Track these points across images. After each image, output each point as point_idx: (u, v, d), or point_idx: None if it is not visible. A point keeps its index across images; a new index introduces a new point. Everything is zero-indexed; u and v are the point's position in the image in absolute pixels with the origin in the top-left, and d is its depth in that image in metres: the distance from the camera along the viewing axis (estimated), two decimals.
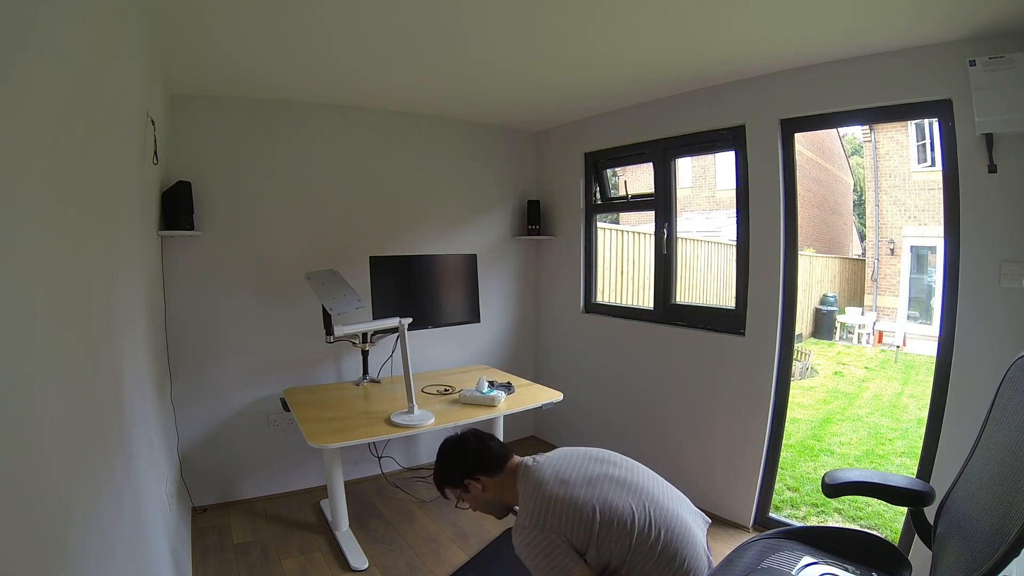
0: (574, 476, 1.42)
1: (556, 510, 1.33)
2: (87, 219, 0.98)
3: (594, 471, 1.45)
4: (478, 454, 1.53)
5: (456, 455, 1.56)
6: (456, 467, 1.54)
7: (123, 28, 1.32)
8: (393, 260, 2.77)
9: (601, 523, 1.33)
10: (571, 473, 1.43)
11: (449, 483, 1.55)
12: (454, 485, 1.54)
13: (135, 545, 1.21)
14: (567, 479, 1.40)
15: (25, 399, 0.63)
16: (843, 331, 9.35)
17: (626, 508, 1.36)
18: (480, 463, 1.52)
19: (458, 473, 1.53)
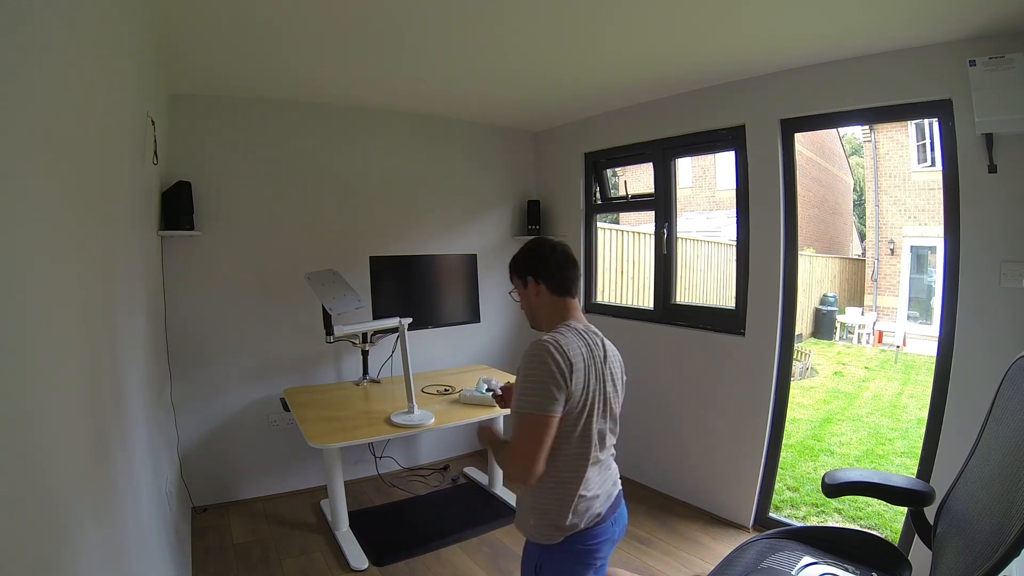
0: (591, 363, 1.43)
1: (574, 365, 1.36)
2: (87, 219, 0.98)
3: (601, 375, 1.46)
4: (557, 269, 1.52)
5: (541, 255, 1.54)
6: (533, 263, 1.53)
7: (123, 28, 1.32)
8: (393, 260, 2.77)
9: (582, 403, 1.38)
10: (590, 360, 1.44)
11: (517, 270, 1.56)
12: (520, 274, 1.54)
13: (135, 545, 1.21)
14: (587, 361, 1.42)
15: (25, 399, 0.63)
16: (843, 331, 9.35)
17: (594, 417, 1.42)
18: (552, 276, 1.51)
19: (530, 267, 1.53)
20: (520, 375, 1.39)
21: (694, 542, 2.38)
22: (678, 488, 2.79)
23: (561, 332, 1.43)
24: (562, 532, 1.39)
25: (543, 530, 1.41)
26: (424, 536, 2.39)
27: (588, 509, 1.41)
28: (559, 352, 1.35)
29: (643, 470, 2.97)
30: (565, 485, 1.40)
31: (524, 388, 1.36)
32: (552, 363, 1.33)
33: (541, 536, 1.42)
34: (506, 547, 2.34)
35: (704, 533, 2.45)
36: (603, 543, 1.44)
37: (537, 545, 1.44)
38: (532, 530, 1.43)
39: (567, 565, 1.42)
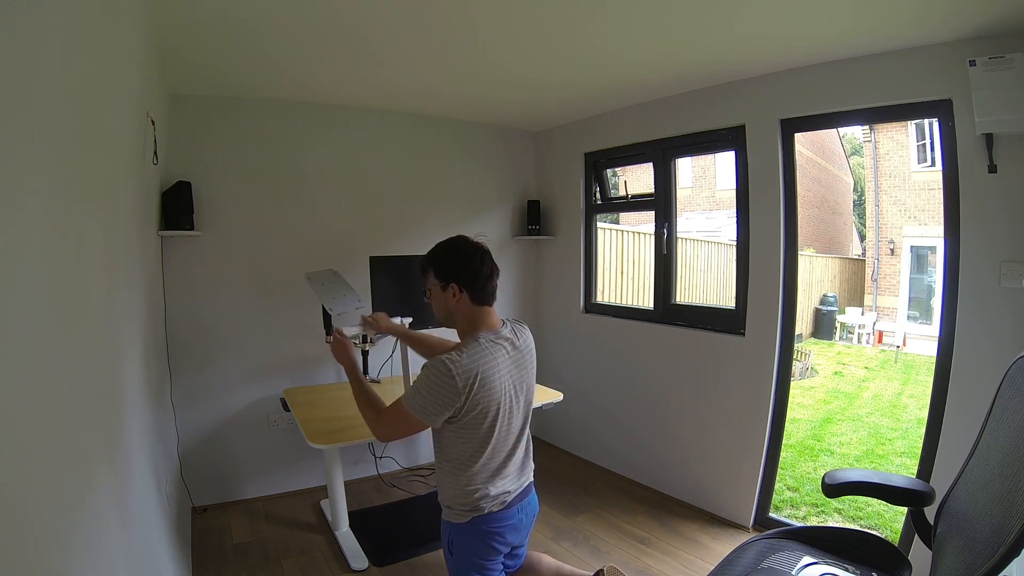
0: (498, 374, 1.50)
1: (474, 386, 1.44)
2: (87, 219, 0.98)
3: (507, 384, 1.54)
4: (484, 280, 1.54)
5: (467, 259, 1.54)
6: (459, 266, 1.53)
7: (123, 28, 1.32)
8: (393, 260, 2.77)
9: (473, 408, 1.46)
10: (496, 371, 1.50)
11: (438, 271, 1.54)
12: (440, 276, 1.54)
13: (135, 545, 1.21)
14: (492, 372, 1.49)
15: (24, 399, 0.63)
16: (843, 331, 9.35)
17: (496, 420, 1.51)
18: (474, 284, 1.53)
19: (454, 272, 1.53)
20: (420, 377, 1.46)
21: (694, 542, 2.38)
22: (678, 488, 2.79)
23: (470, 349, 1.48)
24: (468, 514, 1.54)
25: (453, 510, 1.57)
26: (424, 536, 2.39)
27: (494, 498, 1.55)
28: (460, 374, 1.41)
29: (643, 470, 2.97)
30: (472, 477, 1.53)
31: (418, 390, 1.45)
32: (448, 382, 1.40)
33: (450, 515, 1.58)
34: None
35: (704, 533, 2.45)
36: (507, 527, 1.58)
37: (448, 522, 1.60)
38: (445, 510, 1.60)
39: (472, 542, 1.57)
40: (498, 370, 1.50)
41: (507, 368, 1.54)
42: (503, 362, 1.52)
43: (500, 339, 1.55)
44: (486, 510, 1.54)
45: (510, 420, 1.56)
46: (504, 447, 1.57)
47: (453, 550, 1.61)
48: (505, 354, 1.54)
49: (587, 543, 2.37)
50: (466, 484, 1.54)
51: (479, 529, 1.56)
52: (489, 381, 1.46)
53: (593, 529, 2.49)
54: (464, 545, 1.59)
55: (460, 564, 1.61)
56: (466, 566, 1.60)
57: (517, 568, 1.79)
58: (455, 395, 1.42)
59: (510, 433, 1.58)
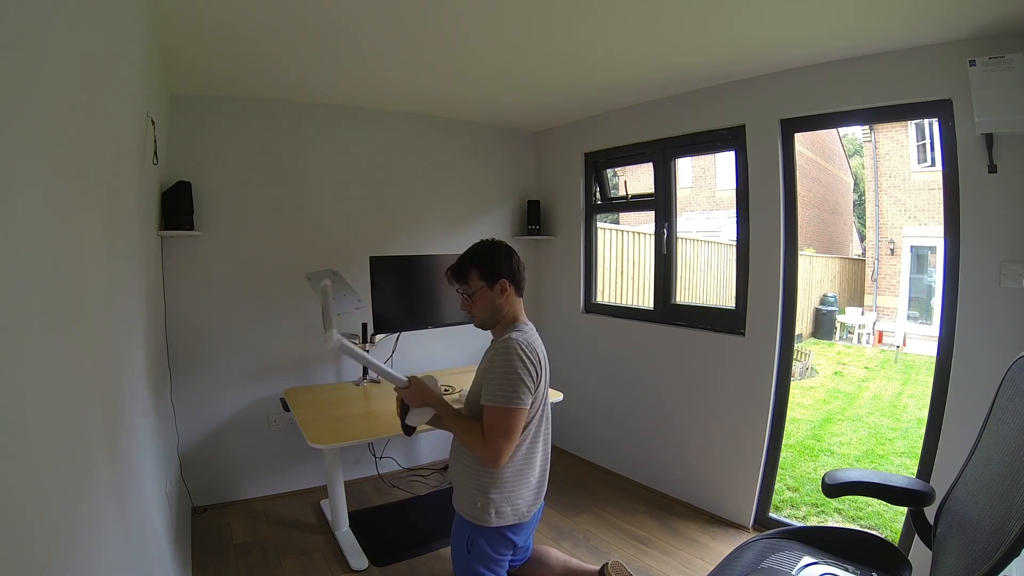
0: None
1: (541, 362, 1.54)
2: (87, 219, 0.98)
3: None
4: (519, 270, 1.64)
5: (508, 258, 1.63)
6: (504, 264, 1.60)
7: (123, 28, 1.32)
8: (393, 260, 2.77)
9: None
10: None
11: (486, 271, 1.59)
12: (488, 276, 1.59)
13: (135, 546, 1.21)
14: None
15: (24, 399, 0.63)
16: (843, 331, 9.35)
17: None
18: (517, 277, 1.63)
19: (503, 271, 1.60)
20: (494, 370, 1.49)
21: (694, 542, 2.38)
22: (678, 488, 2.79)
23: (525, 331, 1.56)
24: (501, 519, 1.56)
25: (485, 513, 1.56)
26: (424, 536, 2.39)
27: (528, 507, 1.60)
28: (531, 351, 1.49)
29: (643, 469, 2.97)
30: (511, 485, 1.56)
31: (498, 381, 1.47)
32: (525, 360, 1.47)
33: (480, 518, 1.57)
34: None
35: (704, 533, 2.45)
36: (525, 526, 1.64)
37: (471, 523, 1.59)
38: (476, 511, 1.57)
39: (495, 544, 1.60)
40: (542, 356, 1.57)
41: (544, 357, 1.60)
42: (542, 351, 1.60)
43: (533, 328, 1.65)
44: (522, 517, 1.59)
45: (547, 411, 1.65)
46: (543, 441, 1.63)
47: (472, 549, 1.61)
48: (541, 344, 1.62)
49: (587, 543, 2.37)
50: (507, 486, 1.56)
51: (503, 531, 1.59)
52: (543, 364, 1.55)
53: (593, 529, 2.49)
54: (489, 546, 1.61)
55: (475, 563, 1.63)
56: (480, 564, 1.63)
57: (524, 561, 1.83)
58: (533, 369, 1.48)
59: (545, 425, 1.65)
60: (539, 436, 1.60)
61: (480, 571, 1.62)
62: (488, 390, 1.48)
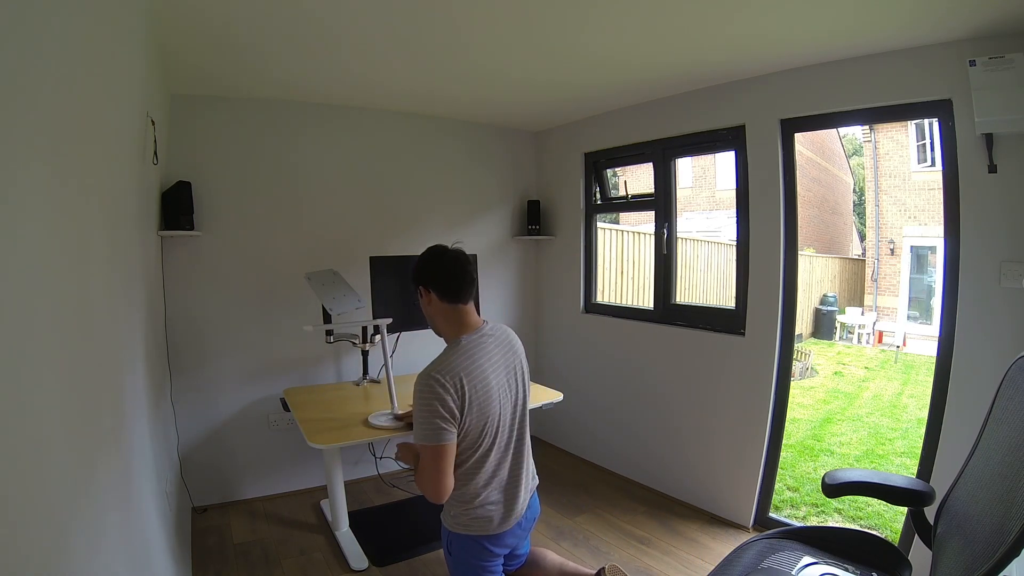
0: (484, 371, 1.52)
1: (454, 377, 1.45)
2: (87, 219, 0.98)
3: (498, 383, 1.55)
4: (445, 275, 1.57)
5: (430, 260, 1.60)
6: (422, 269, 1.60)
7: (123, 28, 1.32)
8: (393, 260, 2.76)
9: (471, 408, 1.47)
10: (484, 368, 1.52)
11: (413, 280, 1.63)
12: (414, 283, 1.62)
13: (135, 546, 1.21)
14: (477, 368, 1.50)
15: (24, 399, 0.63)
16: (843, 331, 9.35)
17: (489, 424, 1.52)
18: (440, 283, 1.56)
19: (418, 275, 1.60)
20: (414, 407, 1.47)
21: (694, 542, 2.38)
22: (678, 488, 2.79)
23: (444, 353, 1.51)
24: (466, 529, 1.58)
25: (449, 520, 1.61)
26: (424, 536, 2.39)
27: (490, 519, 1.57)
28: (445, 377, 1.43)
29: (643, 469, 2.97)
30: (469, 496, 1.55)
31: (418, 420, 1.45)
32: (437, 392, 1.41)
33: (448, 522, 1.62)
34: None
35: (704, 533, 2.45)
36: (505, 536, 1.61)
37: (445, 528, 1.64)
38: (447, 517, 1.63)
39: (470, 550, 1.60)
40: (484, 369, 1.51)
41: (497, 365, 1.56)
42: (490, 360, 1.54)
43: (482, 337, 1.57)
44: (487, 530, 1.57)
45: (508, 418, 1.58)
46: (502, 450, 1.58)
47: (452, 551, 1.65)
48: (493, 350, 1.57)
49: (587, 543, 2.37)
50: (465, 496, 1.56)
51: (477, 542, 1.59)
52: (476, 381, 1.47)
53: (593, 529, 2.49)
54: (462, 549, 1.62)
55: (458, 566, 1.64)
56: (464, 568, 1.63)
57: (520, 566, 1.81)
58: (450, 399, 1.42)
59: (508, 431, 1.59)
60: (490, 455, 1.54)
61: (461, 571, 1.63)
62: (415, 427, 1.49)
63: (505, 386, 1.57)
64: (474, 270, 1.64)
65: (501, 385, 1.55)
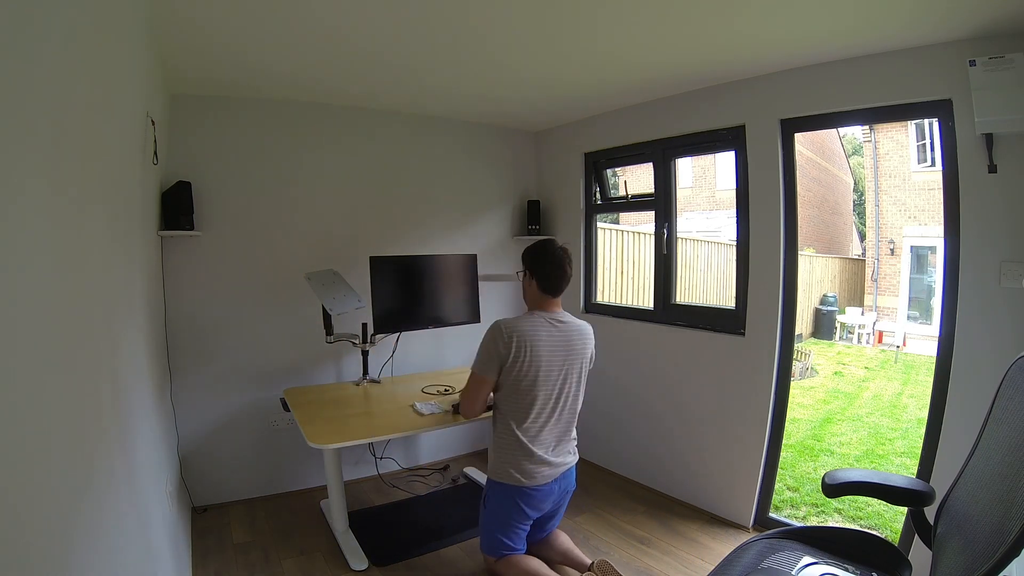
0: (546, 348, 1.87)
1: (516, 340, 1.82)
2: (87, 219, 0.98)
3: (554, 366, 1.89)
4: (550, 268, 1.91)
5: (543, 254, 1.94)
6: (532, 258, 1.96)
7: (123, 28, 1.32)
8: (393, 260, 2.77)
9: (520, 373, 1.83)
10: (545, 345, 1.87)
11: (524, 261, 1.99)
12: (524, 265, 1.98)
13: (135, 546, 1.21)
14: (539, 342, 1.86)
15: (24, 399, 0.63)
16: (843, 331, 9.35)
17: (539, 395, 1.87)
18: (543, 274, 1.92)
19: (528, 262, 1.97)
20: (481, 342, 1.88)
21: (694, 542, 2.38)
22: (678, 488, 2.79)
23: (522, 316, 1.90)
24: (505, 479, 1.86)
25: (494, 468, 1.91)
26: (424, 536, 2.39)
27: (527, 473, 1.84)
28: (505, 329, 1.82)
29: (643, 469, 2.97)
30: (513, 448, 1.85)
31: (478, 352, 1.88)
32: (496, 337, 1.82)
33: (491, 472, 1.92)
34: None
35: (704, 533, 2.45)
36: (538, 496, 1.88)
37: (489, 479, 1.94)
38: (491, 467, 1.93)
39: (505, 502, 1.89)
40: (540, 340, 1.84)
41: (551, 343, 1.86)
42: (547, 336, 1.86)
43: (552, 319, 1.91)
44: (522, 482, 1.85)
45: (556, 390, 1.88)
46: (547, 415, 1.88)
47: (487, 503, 1.94)
48: (553, 330, 1.88)
49: (587, 543, 2.37)
50: (509, 448, 1.86)
51: (512, 494, 1.86)
52: (530, 344, 1.82)
53: (593, 529, 2.49)
54: (497, 502, 1.90)
55: (489, 517, 1.93)
56: (493, 520, 1.92)
57: (541, 539, 2.06)
58: (503, 346, 1.80)
59: (555, 402, 1.89)
60: (533, 413, 1.85)
61: (489, 525, 1.93)
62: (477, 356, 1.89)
63: (558, 364, 1.87)
64: (572, 269, 1.95)
65: (553, 361, 1.86)
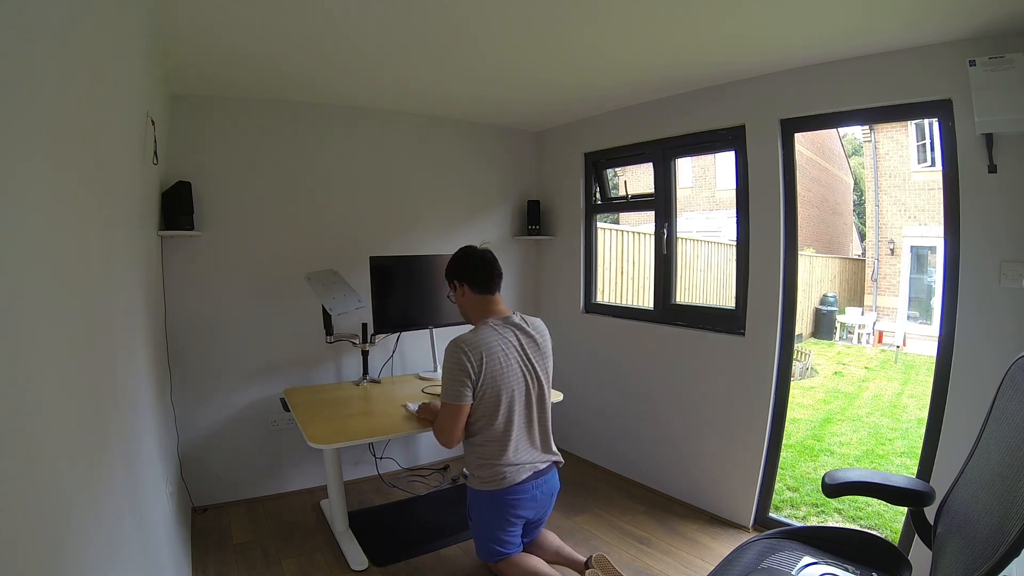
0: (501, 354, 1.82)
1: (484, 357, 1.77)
2: (87, 219, 0.98)
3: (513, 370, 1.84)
4: (474, 265, 1.89)
5: (462, 259, 1.93)
6: (455, 267, 1.93)
7: (123, 28, 1.32)
8: (393, 260, 2.77)
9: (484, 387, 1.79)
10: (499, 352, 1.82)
11: (447, 276, 1.96)
12: (448, 278, 1.96)
13: (135, 546, 1.21)
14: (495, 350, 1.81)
15: (24, 399, 0.63)
16: (843, 331, 9.35)
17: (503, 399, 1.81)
18: (471, 277, 1.89)
19: (452, 272, 1.94)
20: (443, 369, 1.80)
21: (694, 542, 2.38)
22: (678, 488, 2.79)
23: (474, 330, 1.83)
24: (486, 485, 1.83)
25: (474, 477, 1.88)
26: (424, 536, 2.39)
27: (505, 476, 1.81)
28: (466, 346, 1.75)
29: (643, 469, 2.97)
30: (489, 456, 1.82)
31: (443, 380, 1.80)
32: (461, 358, 1.74)
33: (471, 482, 1.90)
34: None
35: (704, 533, 2.45)
36: (522, 500, 1.84)
37: (469, 488, 1.92)
38: (472, 480, 1.90)
39: (488, 510, 1.86)
40: (504, 349, 1.80)
41: (515, 348, 1.83)
42: (510, 343, 1.82)
43: (508, 324, 1.86)
44: (502, 484, 1.81)
45: (522, 395, 1.85)
46: (518, 421, 1.84)
47: (472, 515, 1.92)
48: (513, 336, 1.84)
49: (587, 543, 2.37)
50: (485, 456, 1.83)
51: (495, 500, 1.83)
52: (495, 356, 1.77)
53: (593, 529, 2.49)
54: (480, 511, 1.88)
55: (478, 526, 1.90)
56: (482, 529, 1.89)
57: (530, 542, 2.01)
58: (470, 367, 1.73)
59: (523, 407, 1.86)
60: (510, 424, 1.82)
61: (480, 534, 1.91)
62: (443, 388, 1.82)
63: (520, 368, 1.83)
64: (499, 266, 1.93)
65: (516, 367, 1.82)
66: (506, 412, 1.80)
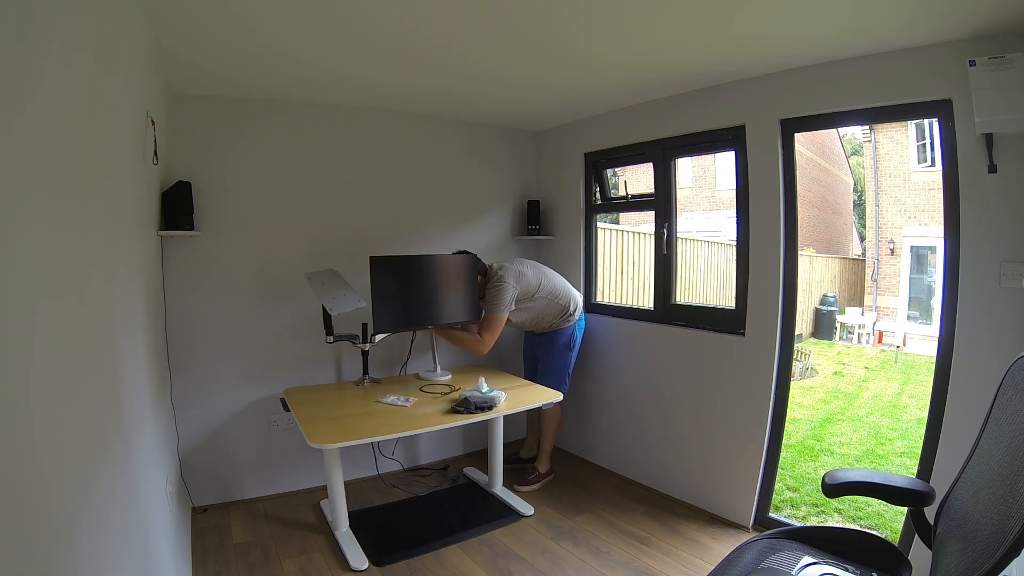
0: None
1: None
2: (87, 219, 0.98)
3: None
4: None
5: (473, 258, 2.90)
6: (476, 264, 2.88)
7: (123, 28, 1.32)
8: (393, 260, 2.77)
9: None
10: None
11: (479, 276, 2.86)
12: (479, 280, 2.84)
13: (135, 546, 1.21)
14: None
15: (24, 399, 0.63)
16: (843, 331, 9.35)
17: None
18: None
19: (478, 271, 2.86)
20: (490, 295, 2.73)
21: (694, 542, 2.38)
22: (678, 488, 2.79)
23: (510, 263, 2.81)
24: (569, 321, 2.92)
25: (555, 323, 2.93)
26: (424, 536, 2.39)
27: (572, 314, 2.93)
28: (508, 276, 2.71)
29: (643, 469, 2.97)
30: (554, 303, 2.90)
31: (495, 301, 2.70)
32: (508, 286, 2.71)
33: (555, 327, 2.93)
34: (506, 547, 2.34)
35: (704, 533, 2.45)
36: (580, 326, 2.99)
37: (557, 330, 2.93)
38: (548, 328, 2.95)
39: (572, 337, 2.98)
40: (526, 267, 2.86)
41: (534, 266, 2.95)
42: (531, 266, 2.93)
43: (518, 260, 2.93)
44: (572, 320, 2.94)
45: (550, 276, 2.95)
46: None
47: (570, 348, 2.94)
48: (528, 261, 2.98)
49: (587, 543, 2.37)
50: (558, 307, 2.89)
51: (575, 329, 2.96)
52: (521, 273, 2.78)
53: (593, 529, 2.49)
54: (566, 345, 2.92)
55: (570, 359, 2.97)
56: (570, 360, 2.97)
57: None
58: (512, 289, 2.70)
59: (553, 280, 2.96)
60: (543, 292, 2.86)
61: (569, 367, 2.97)
62: (489, 306, 2.77)
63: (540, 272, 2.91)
64: None
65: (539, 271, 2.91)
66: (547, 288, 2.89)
